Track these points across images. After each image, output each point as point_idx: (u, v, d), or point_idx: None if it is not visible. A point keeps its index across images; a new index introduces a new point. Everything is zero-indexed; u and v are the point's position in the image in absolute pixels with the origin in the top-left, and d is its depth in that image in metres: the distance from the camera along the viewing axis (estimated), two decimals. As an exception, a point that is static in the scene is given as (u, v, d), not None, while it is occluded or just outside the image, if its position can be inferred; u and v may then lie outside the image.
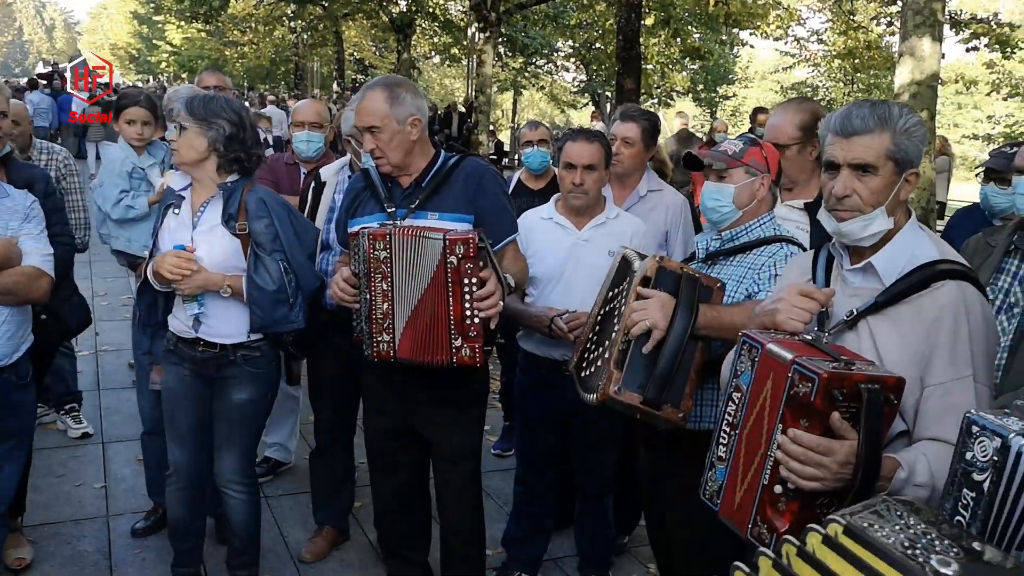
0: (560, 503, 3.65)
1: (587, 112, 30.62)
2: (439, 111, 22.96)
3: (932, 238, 1.91)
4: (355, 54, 37.10)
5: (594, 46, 26.99)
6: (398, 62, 26.62)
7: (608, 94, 27.41)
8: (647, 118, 3.74)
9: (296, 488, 4.28)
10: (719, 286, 2.37)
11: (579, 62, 29.88)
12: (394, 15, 25.71)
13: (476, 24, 18.54)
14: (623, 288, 2.50)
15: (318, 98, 21.93)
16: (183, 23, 33.91)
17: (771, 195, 2.60)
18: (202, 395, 3.04)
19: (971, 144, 34.30)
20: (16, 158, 3.40)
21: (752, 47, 33.05)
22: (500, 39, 23.81)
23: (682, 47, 23.50)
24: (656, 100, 29.80)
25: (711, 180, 2.56)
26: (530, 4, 20.48)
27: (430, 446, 3.00)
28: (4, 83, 3.58)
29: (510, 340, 3.76)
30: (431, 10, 26.02)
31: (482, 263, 2.60)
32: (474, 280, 2.57)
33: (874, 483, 1.60)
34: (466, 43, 27.12)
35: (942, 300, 1.76)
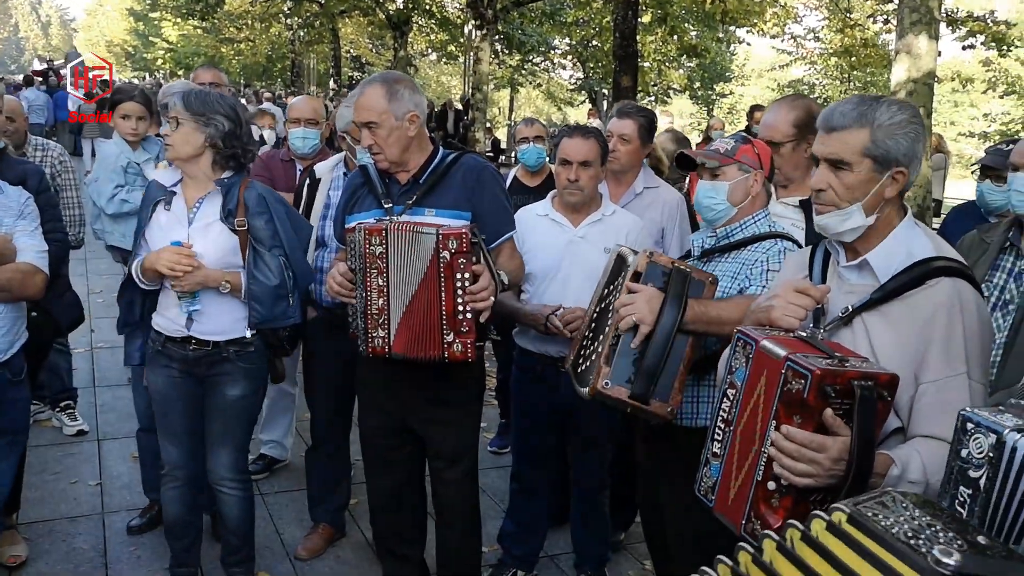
0: (556, 500, 3.65)
1: (584, 110, 30.60)
2: (435, 108, 22.93)
3: (929, 235, 1.91)
4: (351, 51, 37.06)
5: (591, 43, 26.97)
6: (395, 59, 26.56)
7: (605, 91, 27.44)
8: (644, 115, 3.73)
9: (292, 485, 4.28)
10: (710, 281, 2.38)
11: (576, 59, 29.89)
12: (391, 12, 25.64)
13: (473, 21, 18.51)
14: (617, 284, 2.50)
15: (314, 95, 21.88)
16: (179, 20, 33.85)
17: (765, 191, 2.61)
18: (193, 394, 3.02)
19: (967, 142, 34.36)
20: (10, 154, 3.39)
21: (749, 45, 33.13)
22: (497, 36, 23.79)
23: (679, 44, 23.47)
24: (653, 97, 29.80)
25: (705, 179, 2.57)
26: (527, 1, 20.51)
27: (426, 443, 2.99)
28: (0, 80, 3.58)
29: (506, 337, 3.75)
30: (428, 7, 25.96)
31: (475, 258, 2.59)
32: (467, 275, 2.56)
33: (867, 480, 1.60)
34: (463, 40, 27.05)
35: (937, 297, 1.76)
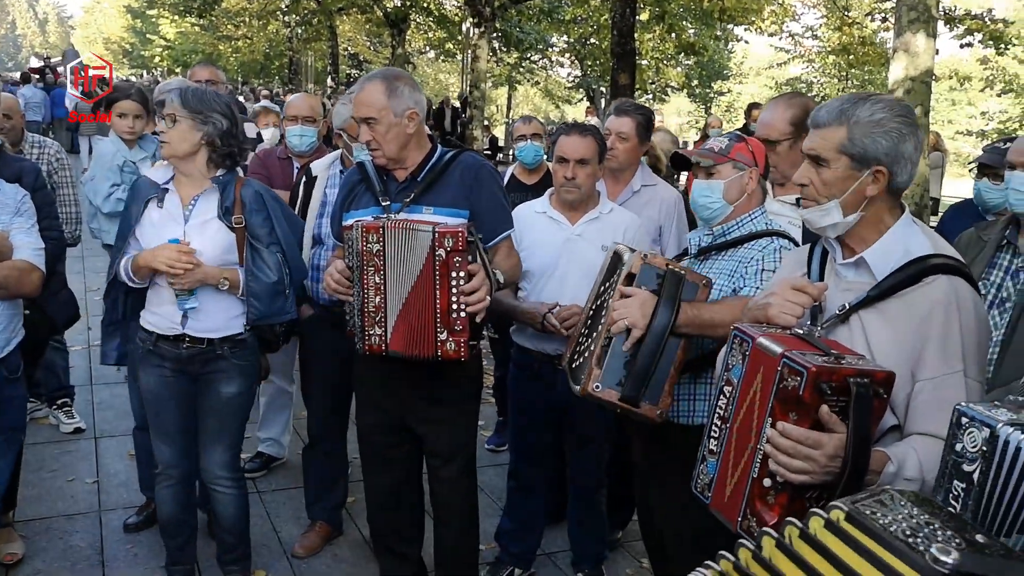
0: (554, 498, 3.65)
1: (582, 107, 30.59)
2: (432, 106, 22.92)
3: (926, 232, 1.90)
4: (349, 49, 37.01)
5: (589, 41, 26.95)
6: (392, 57, 26.53)
7: (603, 89, 27.40)
8: (642, 113, 3.73)
9: (289, 483, 4.28)
10: (704, 283, 2.38)
11: (574, 57, 29.86)
12: (388, 10, 25.61)
13: (471, 19, 18.51)
14: (613, 282, 2.50)
15: (312, 93, 21.87)
16: (177, 17, 33.81)
17: (760, 189, 2.61)
18: (186, 393, 3.01)
19: (965, 140, 34.36)
20: (7, 151, 3.38)
21: (747, 43, 33.10)
22: (495, 34, 23.76)
23: (677, 42, 23.46)
24: (651, 95, 29.79)
25: (700, 178, 2.58)
26: (525, -1, 20.47)
27: (423, 441, 2.99)
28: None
29: (504, 335, 3.75)
30: (425, 5, 25.92)
31: (471, 257, 2.59)
32: (462, 274, 2.56)
33: (863, 477, 1.60)
34: (461, 38, 27.05)
35: (933, 295, 1.76)
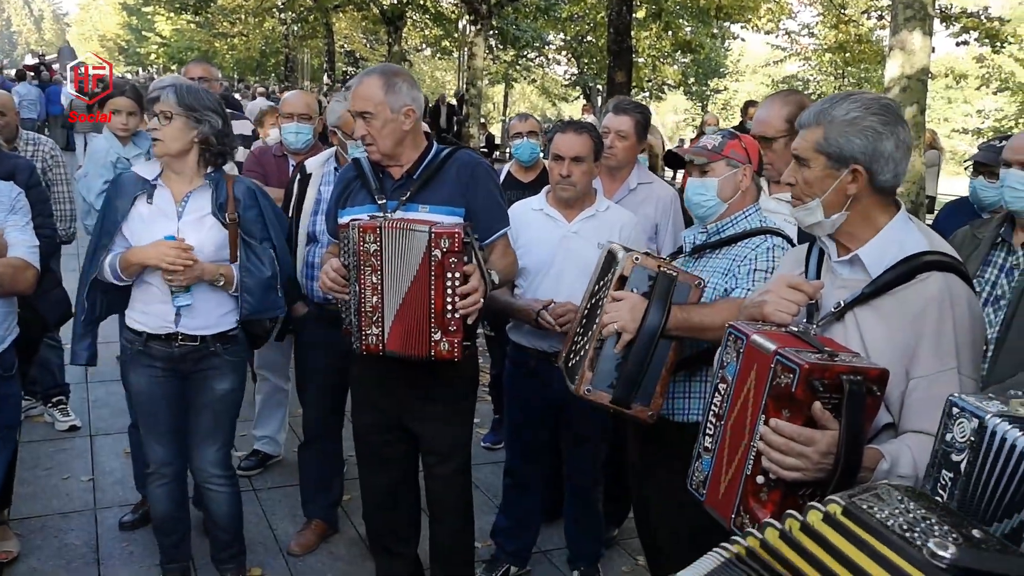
0: (550, 495, 3.66)
1: (578, 105, 30.62)
2: (428, 104, 22.91)
3: (923, 230, 1.90)
4: (345, 46, 37.00)
5: (585, 39, 26.96)
6: (389, 55, 26.50)
7: (599, 87, 27.41)
8: (640, 111, 3.74)
9: (285, 481, 4.27)
10: (697, 284, 2.38)
11: (570, 55, 29.88)
12: (385, 7, 25.58)
13: (467, 17, 18.53)
14: (607, 281, 2.51)
15: (308, 90, 21.85)
16: (172, 14, 33.77)
17: (755, 186, 2.61)
18: (178, 391, 3.00)
19: (961, 138, 34.36)
20: (2, 149, 3.38)
21: (743, 41, 33.21)
22: (491, 32, 23.76)
23: (673, 40, 23.49)
24: (647, 93, 29.80)
25: (694, 176, 2.58)
26: (521, -4, 20.47)
27: (419, 440, 2.99)
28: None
29: (500, 333, 3.75)
30: (422, 2, 25.92)
31: (467, 258, 2.58)
32: (457, 275, 2.55)
33: (856, 474, 1.60)
34: (457, 36, 27.06)
35: (927, 292, 1.76)
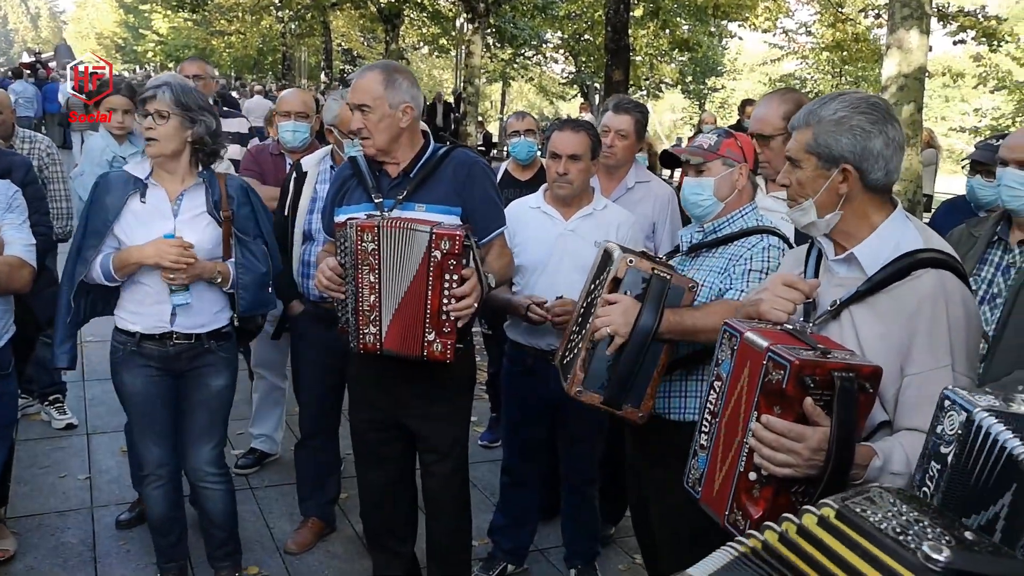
0: (547, 493, 3.66)
1: (576, 103, 30.62)
2: (425, 102, 22.91)
3: (919, 228, 1.91)
4: (343, 44, 36.96)
5: (583, 37, 26.94)
6: (386, 53, 26.48)
7: (597, 85, 27.41)
8: (640, 110, 3.75)
9: (282, 479, 4.27)
10: (691, 286, 2.38)
11: (568, 53, 29.85)
12: (382, 5, 25.55)
13: (464, 15, 18.53)
14: (602, 280, 2.51)
15: (305, 88, 21.82)
16: (169, 12, 33.67)
17: (751, 185, 2.61)
18: (172, 391, 3.00)
19: (958, 137, 34.37)
20: (-2, 146, 3.37)
21: (741, 39, 33.20)
22: (488, 30, 23.75)
23: (671, 39, 23.51)
24: (645, 92, 29.80)
25: (690, 175, 2.58)
26: (519, -6, 20.46)
27: (417, 438, 2.99)
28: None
29: (497, 331, 3.75)
30: (419, 0, 25.90)
31: (465, 261, 2.58)
32: (455, 277, 2.55)
33: (848, 471, 1.60)
34: (454, 34, 27.05)
35: (922, 289, 1.76)
